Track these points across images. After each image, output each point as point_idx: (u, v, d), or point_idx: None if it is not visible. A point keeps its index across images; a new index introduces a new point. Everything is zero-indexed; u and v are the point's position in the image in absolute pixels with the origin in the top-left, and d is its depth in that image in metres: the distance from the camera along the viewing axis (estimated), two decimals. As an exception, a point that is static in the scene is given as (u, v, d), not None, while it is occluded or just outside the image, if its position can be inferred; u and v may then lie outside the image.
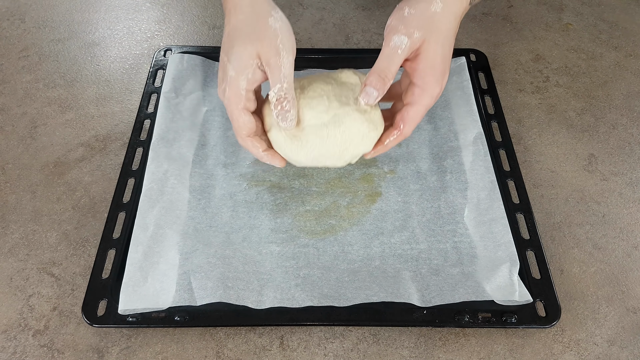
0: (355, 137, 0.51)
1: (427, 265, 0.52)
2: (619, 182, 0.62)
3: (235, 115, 0.49)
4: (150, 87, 0.68)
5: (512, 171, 0.60)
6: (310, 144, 0.50)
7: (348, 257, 0.52)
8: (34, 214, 0.58)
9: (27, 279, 0.53)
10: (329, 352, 0.48)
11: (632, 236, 0.57)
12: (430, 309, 0.48)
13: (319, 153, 0.51)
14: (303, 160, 0.52)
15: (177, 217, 0.55)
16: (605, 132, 0.67)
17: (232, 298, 0.48)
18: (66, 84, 0.71)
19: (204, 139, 0.62)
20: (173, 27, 0.79)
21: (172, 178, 0.57)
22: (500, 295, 0.49)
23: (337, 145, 0.51)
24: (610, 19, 0.82)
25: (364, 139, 0.51)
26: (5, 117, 0.67)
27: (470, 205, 0.56)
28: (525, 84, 0.72)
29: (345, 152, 0.52)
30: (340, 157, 0.52)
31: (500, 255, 0.52)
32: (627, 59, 0.76)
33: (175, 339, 0.49)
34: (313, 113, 0.50)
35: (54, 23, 0.80)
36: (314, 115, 0.50)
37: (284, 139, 0.51)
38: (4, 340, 0.49)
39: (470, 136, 0.61)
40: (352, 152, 0.52)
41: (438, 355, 0.48)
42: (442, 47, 0.49)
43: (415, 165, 0.60)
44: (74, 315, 0.50)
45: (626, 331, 0.50)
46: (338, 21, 0.81)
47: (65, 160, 0.63)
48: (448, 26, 0.50)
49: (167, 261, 0.51)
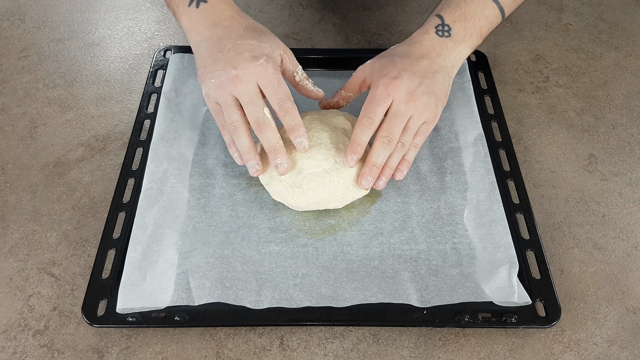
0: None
1: (426, 266, 0.52)
2: (619, 182, 0.62)
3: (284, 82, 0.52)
4: (150, 87, 0.68)
5: (512, 171, 0.60)
6: (312, 191, 0.53)
7: (347, 257, 0.52)
8: (34, 214, 0.58)
9: (27, 279, 0.53)
10: (329, 352, 0.48)
11: (632, 236, 0.57)
12: (430, 309, 0.48)
13: (321, 198, 0.54)
14: (304, 205, 0.54)
15: (177, 217, 0.55)
16: (605, 132, 0.67)
17: (230, 298, 0.48)
18: (66, 84, 0.71)
19: (204, 139, 0.62)
20: (173, 27, 0.79)
21: (172, 177, 0.57)
22: (499, 296, 0.49)
23: (340, 190, 0.54)
24: (610, 19, 0.82)
25: None
26: (5, 117, 0.67)
27: (470, 206, 0.56)
28: (525, 84, 0.72)
29: (347, 196, 0.55)
30: (342, 201, 0.55)
31: (499, 256, 0.52)
32: (627, 59, 0.76)
33: (175, 339, 0.49)
34: (313, 162, 0.53)
35: (54, 23, 0.80)
36: (314, 164, 0.53)
37: (285, 188, 0.54)
38: (4, 340, 0.49)
39: (471, 137, 0.61)
40: (353, 195, 0.55)
41: (438, 355, 0.48)
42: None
43: (415, 166, 0.60)
44: (74, 315, 0.50)
45: (626, 331, 0.50)
46: (338, 21, 0.81)
47: (65, 160, 0.63)
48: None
49: (166, 260, 0.51)
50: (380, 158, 0.53)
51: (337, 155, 0.54)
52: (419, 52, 0.55)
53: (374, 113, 0.52)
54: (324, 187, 0.53)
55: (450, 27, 0.56)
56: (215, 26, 0.54)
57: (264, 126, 0.51)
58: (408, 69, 0.53)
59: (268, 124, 0.51)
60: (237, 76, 0.51)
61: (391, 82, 0.52)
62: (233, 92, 0.51)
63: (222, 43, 0.53)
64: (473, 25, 0.56)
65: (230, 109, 0.52)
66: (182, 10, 0.56)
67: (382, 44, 0.77)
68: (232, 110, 0.52)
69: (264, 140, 0.52)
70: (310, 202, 0.54)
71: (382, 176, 0.54)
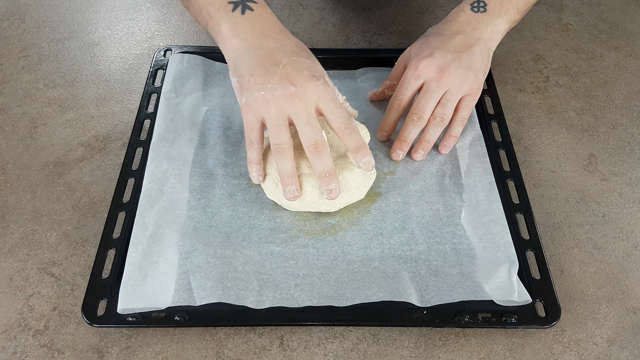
0: (351, 187, 0.54)
1: (426, 266, 0.52)
2: (619, 182, 0.62)
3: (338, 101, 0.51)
4: (150, 87, 0.68)
5: (512, 171, 0.60)
6: (305, 192, 0.53)
7: (347, 258, 0.52)
8: (34, 214, 0.58)
9: (27, 279, 0.53)
10: (329, 352, 0.48)
11: (632, 236, 0.57)
12: (430, 309, 0.48)
13: (312, 200, 0.53)
14: (297, 205, 0.54)
15: (177, 217, 0.55)
16: (605, 132, 0.67)
17: (232, 298, 0.48)
18: (66, 84, 0.71)
19: (204, 139, 0.62)
20: (173, 27, 0.79)
21: (172, 177, 0.57)
22: (499, 295, 0.49)
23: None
24: (610, 19, 0.82)
25: (359, 188, 0.55)
26: (5, 117, 0.67)
27: (469, 206, 0.56)
28: (525, 84, 0.72)
29: (340, 200, 0.54)
30: (334, 204, 0.55)
31: (499, 256, 0.52)
32: (627, 59, 0.76)
33: (175, 339, 0.49)
34: (309, 163, 0.53)
35: (54, 23, 0.80)
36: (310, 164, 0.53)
37: (277, 185, 0.53)
38: (4, 340, 0.49)
39: (469, 138, 0.61)
40: (346, 200, 0.55)
41: (438, 355, 0.48)
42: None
43: (414, 167, 0.60)
44: (74, 315, 0.50)
45: (626, 331, 0.50)
46: (338, 21, 0.81)
47: (65, 160, 0.63)
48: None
49: (167, 261, 0.51)
50: (411, 134, 0.54)
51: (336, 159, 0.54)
52: (453, 28, 0.56)
53: (402, 95, 0.53)
54: (317, 188, 0.53)
55: (485, 2, 0.57)
56: (266, 37, 0.51)
57: (323, 149, 0.50)
58: (441, 47, 0.54)
59: (326, 147, 0.50)
60: (297, 94, 0.48)
61: (421, 61, 0.53)
62: (289, 109, 0.49)
63: (276, 56, 0.50)
64: (509, 0, 0.57)
65: (280, 129, 0.50)
66: (222, 15, 0.53)
67: (382, 44, 0.77)
68: (282, 130, 0.50)
69: (319, 164, 0.50)
70: (302, 203, 0.54)
71: (419, 149, 0.55)
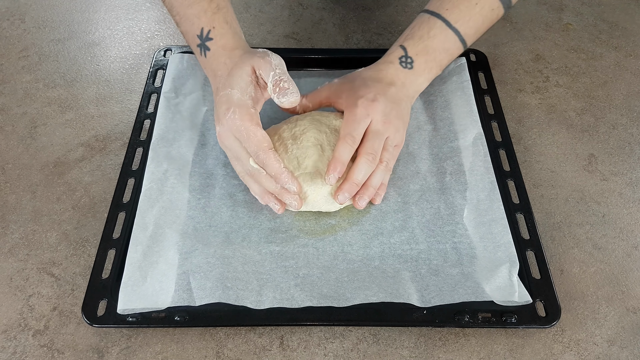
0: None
1: (427, 266, 0.52)
2: (619, 182, 0.62)
3: (253, 132, 0.51)
4: (150, 87, 0.68)
5: (512, 171, 0.60)
6: (305, 191, 0.53)
7: (347, 257, 0.52)
8: (34, 214, 0.58)
9: (27, 279, 0.53)
10: (329, 352, 0.48)
11: (632, 236, 0.57)
12: (430, 309, 0.48)
13: (313, 199, 0.54)
14: None
15: (177, 217, 0.55)
16: (605, 132, 0.67)
17: (232, 298, 0.48)
18: (66, 84, 0.71)
19: (204, 139, 0.62)
20: (173, 27, 0.79)
21: (172, 178, 0.57)
22: (499, 295, 0.49)
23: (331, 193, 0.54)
24: (610, 19, 0.82)
25: None
26: (5, 117, 0.67)
27: (470, 206, 0.56)
28: (525, 84, 0.72)
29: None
30: (334, 203, 0.54)
31: (499, 255, 0.52)
32: (627, 59, 0.76)
33: (175, 339, 0.49)
34: (309, 162, 0.53)
35: (54, 23, 0.80)
36: (309, 164, 0.53)
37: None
38: (4, 340, 0.49)
39: (470, 137, 0.61)
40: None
41: (438, 355, 0.48)
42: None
43: (415, 166, 0.60)
44: (74, 315, 0.50)
45: (626, 331, 0.50)
46: (338, 21, 0.81)
47: (65, 160, 0.63)
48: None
49: (167, 261, 0.51)
50: (362, 175, 0.53)
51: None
52: (387, 79, 0.58)
53: (356, 132, 0.53)
54: (317, 187, 0.53)
55: (412, 59, 0.58)
56: (215, 77, 0.55)
57: (257, 176, 0.52)
58: (381, 93, 0.56)
59: (259, 173, 0.52)
60: (220, 133, 0.53)
61: (370, 103, 0.54)
62: (224, 148, 0.55)
63: (216, 95, 0.54)
64: (434, 59, 0.59)
65: (233, 161, 0.55)
66: (198, 58, 0.58)
67: (382, 44, 0.77)
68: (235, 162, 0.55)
69: (264, 187, 0.53)
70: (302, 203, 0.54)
71: (364, 195, 0.54)
